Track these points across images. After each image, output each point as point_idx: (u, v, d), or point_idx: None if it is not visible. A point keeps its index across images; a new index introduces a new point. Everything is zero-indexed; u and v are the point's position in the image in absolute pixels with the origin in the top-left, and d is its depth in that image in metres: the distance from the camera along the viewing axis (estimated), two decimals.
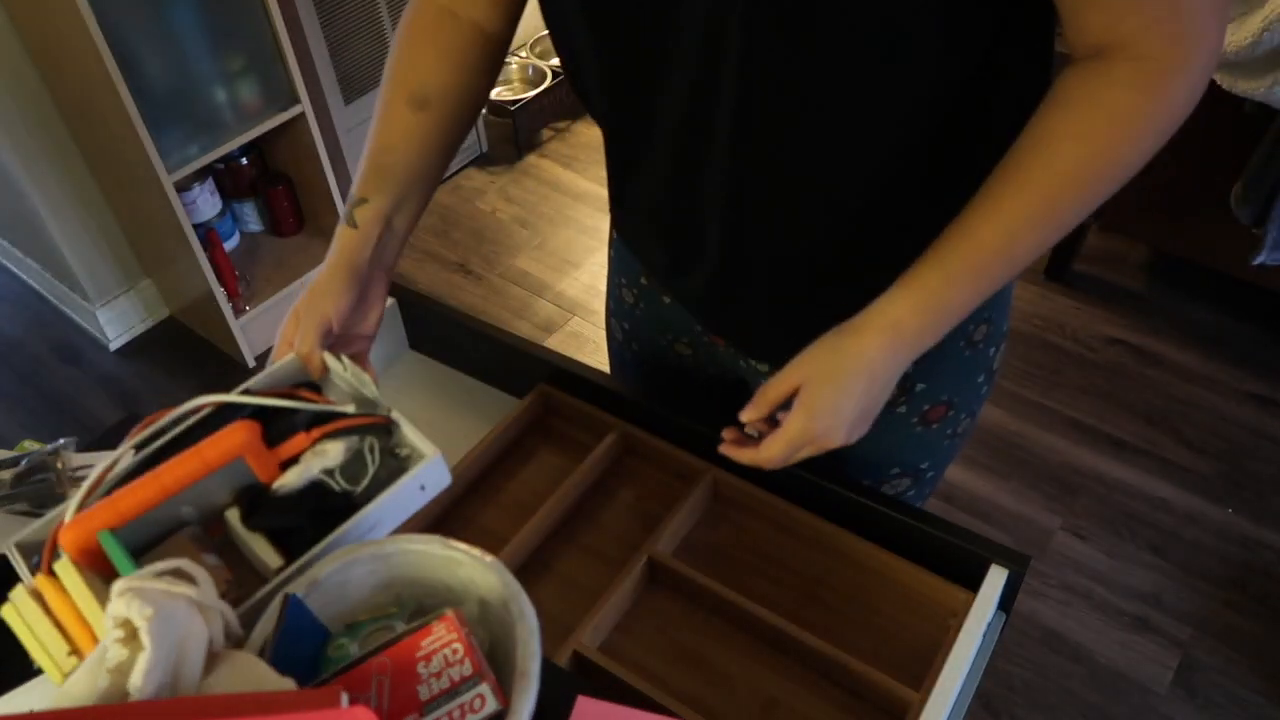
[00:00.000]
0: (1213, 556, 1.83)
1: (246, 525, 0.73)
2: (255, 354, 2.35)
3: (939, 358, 0.83)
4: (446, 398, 1.13)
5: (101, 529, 0.67)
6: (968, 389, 0.90)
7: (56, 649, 0.64)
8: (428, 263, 2.60)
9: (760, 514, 0.95)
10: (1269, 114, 1.79)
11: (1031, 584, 1.80)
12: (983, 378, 0.90)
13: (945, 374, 0.87)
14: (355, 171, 0.87)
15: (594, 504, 0.99)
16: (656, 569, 0.90)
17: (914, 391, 0.87)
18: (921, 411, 0.89)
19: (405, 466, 0.74)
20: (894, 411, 0.88)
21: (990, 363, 0.90)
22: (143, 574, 0.60)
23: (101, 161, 2.14)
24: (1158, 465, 1.99)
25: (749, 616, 0.85)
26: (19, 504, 0.86)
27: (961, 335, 0.84)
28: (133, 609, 0.56)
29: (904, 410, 0.88)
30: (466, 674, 0.60)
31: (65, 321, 2.51)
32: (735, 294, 0.85)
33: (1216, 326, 2.25)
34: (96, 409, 2.29)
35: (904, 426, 0.89)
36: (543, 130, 3.00)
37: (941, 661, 0.80)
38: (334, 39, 2.33)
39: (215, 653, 0.60)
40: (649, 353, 1.06)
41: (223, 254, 2.23)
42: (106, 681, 0.56)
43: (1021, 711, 1.64)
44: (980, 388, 0.91)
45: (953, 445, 0.95)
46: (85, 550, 0.67)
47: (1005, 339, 0.91)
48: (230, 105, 2.05)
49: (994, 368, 0.91)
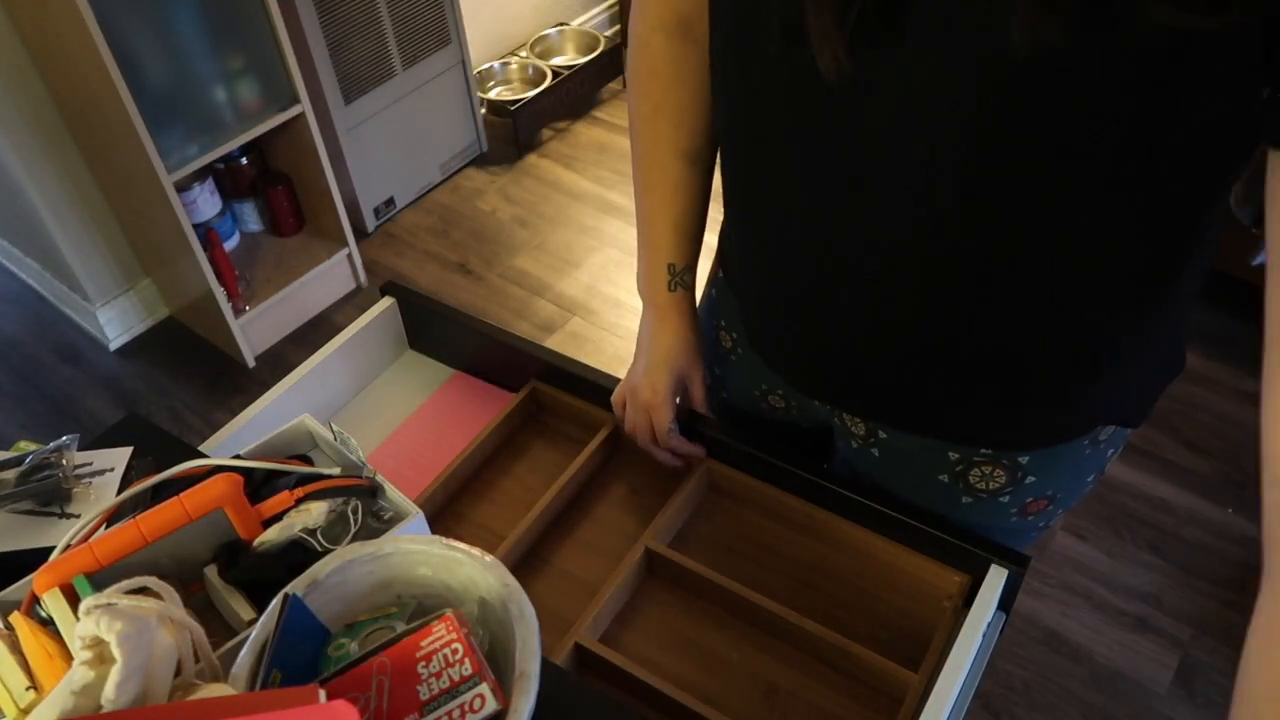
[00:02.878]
0: (1213, 556, 1.83)
1: (224, 578, 0.73)
2: (255, 354, 2.35)
3: (1057, 454, 0.79)
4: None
5: (78, 574, 0.67)
6: (1076, 486, 0.84)
7: (15, 683, 0.63)
8: (428, 263, 2.60)
9: (754, 503, 0.96)
10: None
11: (1031, 584, 1.80)
12: (1093, 477, 0.84)
13: (1061, 470, 0.81)
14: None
15: (589, 498, 0.99)
16: (654, 560, 0.91)
17: (1023, 484, 0.81)
18: (1024, 504, 0.83)
19: (387, 529, 0.75)
20: (996, 500, 0.82)
21: (1104, 462, 0.83)
22: (109, 592, 0.60)
23: (101, 161, 2.14)
24: (1158, 465, 1.99)
25: (747, 604, 0.86)
26: (23, 503, 0.86)
27: (1087, 435, 0.77)
28: (102, 625, 0.56)
29: (1007, 500, 0.82)
30: (466, 674, 0.60)
31: (65, 321, 2.51)
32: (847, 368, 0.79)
33: (1216, 326, 2.25)
34: (96, 409, 2.29)
35: (1001, 515, 0.84)
36: (543, 130, 3.00)
37: (939, 644, 0.81)
38: (334, 39, 2.33)
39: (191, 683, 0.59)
40: (740, 402, 0.99)
41: (223, 254, 2.23)
42: (71, 704, 0.56)
43: (1021, 711, 1.64)
44: (1087, 485, 0.85)
45: (1040, 534, 0.91)
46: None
47: (1126, 441, 0.84)
48: (230, 105, 2.05)
49: (1106, 468, 0.85)
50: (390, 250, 2.65)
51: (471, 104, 2.81)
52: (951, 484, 0.83)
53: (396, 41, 2.48)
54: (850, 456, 0.90)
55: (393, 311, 1.16)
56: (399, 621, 0.67)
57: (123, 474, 0.90)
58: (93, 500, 0.87)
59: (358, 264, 2.49)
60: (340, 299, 2.50)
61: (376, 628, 0.67)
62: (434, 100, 2.68)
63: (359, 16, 2.36)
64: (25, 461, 0.88)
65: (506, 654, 0.63)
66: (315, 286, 2.43)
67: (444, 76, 2.67)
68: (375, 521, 0.77)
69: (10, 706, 0.63)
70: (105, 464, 0.91)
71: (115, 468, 0.90)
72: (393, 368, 1.18)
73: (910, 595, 0.88)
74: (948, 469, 0.82)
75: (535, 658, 0.60)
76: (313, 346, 1.98)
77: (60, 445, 0.89)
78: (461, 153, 2.87)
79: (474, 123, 2.86)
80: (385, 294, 1.16)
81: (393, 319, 1.17)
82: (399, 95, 2.57)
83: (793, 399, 0.92)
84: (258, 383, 2.30)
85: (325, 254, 2.42)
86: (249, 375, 2.33)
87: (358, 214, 2.63)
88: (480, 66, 3.00)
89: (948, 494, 0.84)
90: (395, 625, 0.67)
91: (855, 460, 0.89)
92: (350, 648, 0.65)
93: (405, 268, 2.59)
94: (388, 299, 1.15)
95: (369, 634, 0.67)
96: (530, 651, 0.61)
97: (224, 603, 0.73)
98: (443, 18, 2.57)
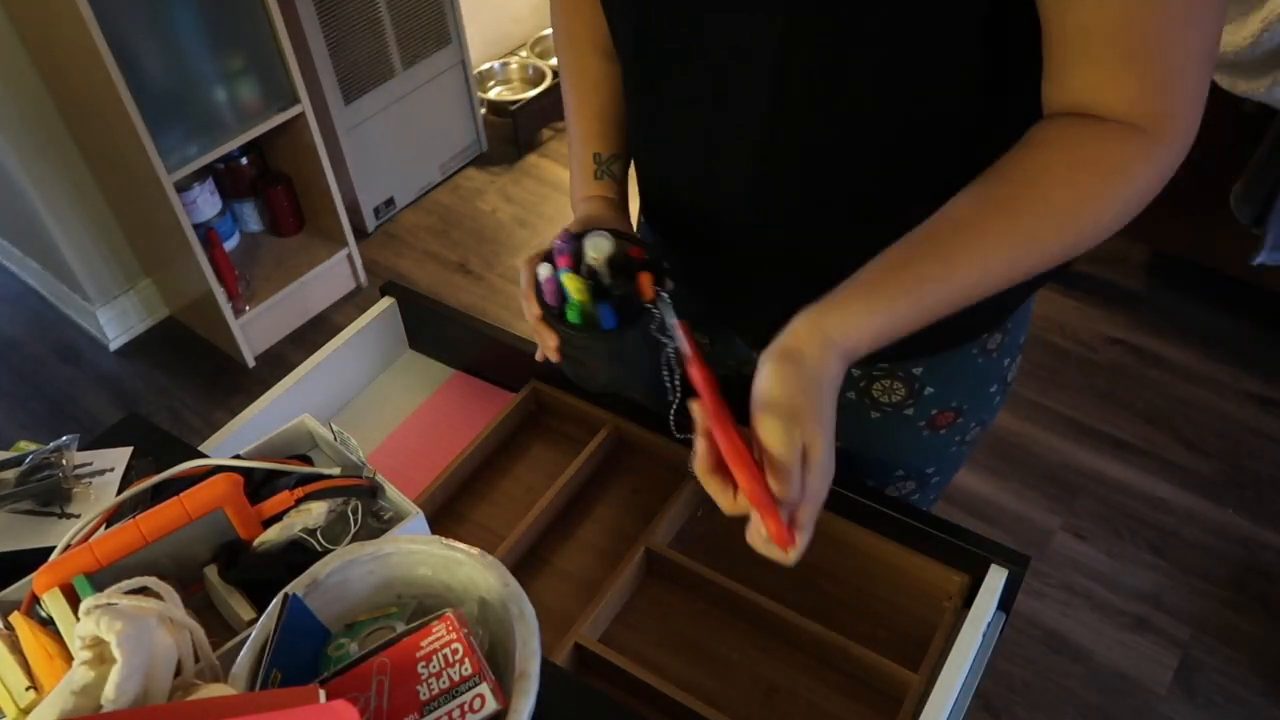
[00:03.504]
0: (1213, 556, 1.83)
1: (224, 578, 0.73)
2: (255, 353, 2.35)
3: (950, 364, 0.83)
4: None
5: (78, 574, 0.67)
6: (979, 397, 0.89)
7: (15, 683, 0.63)
8: (428, 263, 2.60)
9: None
10: (1269, 114, 1.79)
11: (1031, 584, 1.80)
12: (995, 387, 0.89)
13: (956, 380, 0.86)
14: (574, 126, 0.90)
15: (590, 498, 0.99)
16: (654, 560, 0.91)
17: (922, 395, 0.86)
18: (929, 416, 0.88)
19: (387, 529, 0.75)
20: (901, 414, 0.87)
21: (1005, 373, 0.89)
22: (109, 592, 0.60)
23: (101, 161, 2.14)
24: (1158, 465, 1.99)
25: (747, 604, 0.86)
26: (23, 503, 0.86)
27: (975, 343, 0.83)
28: (102, 625, 0.56)
29: (911, 413, 0.87)
30: (466, 674, 0.60)
31: (65, 321, 2.51)
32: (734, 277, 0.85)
33: (1216, 326, 2.25)
34: (96, 409, 2.29)
35: (911, 430, 0.89)
36: (543, 130, 3.00)
37: (939, 644, 0.81)
38: (334, 39, 2.33)
39: (191, 683, 0.59)
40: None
41: (223, 254, 2.23)
42: (71, 704, 0.56)
43: (1021, 711, 1.64)
44: (993, 398, 0.90)
45: (960, 453, 0.95)
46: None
47: (1021, 351, 0.90)
48: (230, 105, 2.05)
49: (1009, 379, 0.90)
50: (390, 250, 2.65)
51: (471, 104, 2.81)
52: (859, 400, 0.88)
53: (396, 41, 2.48)
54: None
55: (393, 311, 1.16)
56: (399, 621, 0.67)
57: (123, 474, 0.90)
58: (93, 500, 0.87)
59: (358, 264, 2.49)
60: (340, 299, 2.50)
61: (376, 628, 0.67)
62: (434, 100, 2.68)
63: (359, 16, 2.36)
64: (25, 461, 0.88)
65: (506, 654, 0.63)
66: (315, 286, 2.43)
67: (444, 76, 2.67)
68: (375, 521, 0.77)
69: (10, 706, 0.63)
70: (105, 464, 0.91)
71: (115, 468, 0.90)
72: (393, 368, 1.18)
73: (910, 595, 0.88)
74: (852, 385, 0.87)
75: (535, 658, 0.60)
76: (313, 346, 1.98)
77: (60, 445, 0.89)
78: (461, 153, 2.87)
79: (474, 123, 2.86)
80: (385, 294, 1.16)
81: (393, 319, 1.17)
82: (399, 95, 2.57)
83: (715, 335, 0.96)
84: (258, 383, 2.30)
85: (325, 254, 2.42)
86: (249, 375, 2.33)
87: (358, 214, 2.63)
88: (480, 66, 3.00)
89: (858, 412, 0.88)
90: (395, 625, 0.67)
91: None
92: (350, 648, 0.65)
93: (405, 268, 2.59)
94: (388, 299, 1.15)
95: (369, 634, 0.67)
96: (530, 651, 0.61)
97: (224, 603, 0.73)
98: (443, 18, 2.57)
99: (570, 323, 0.74)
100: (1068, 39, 0.59)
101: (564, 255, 0.74)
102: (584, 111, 0.87)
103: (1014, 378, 0.91)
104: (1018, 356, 0.89)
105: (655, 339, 0.74)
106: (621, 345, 0.75)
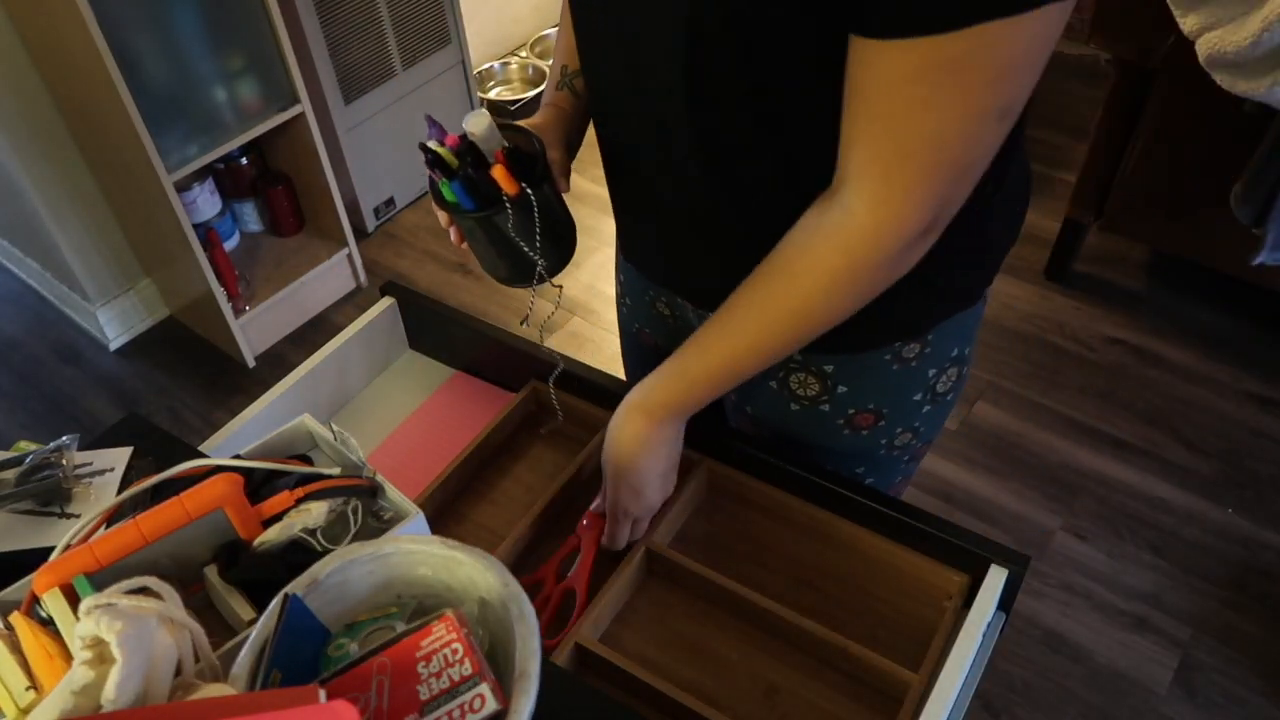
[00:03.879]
0: (1213, 556, 1.83)
1: (224, 578, 0.73)
2: (255, 353, 2.35)
3: (861, 365, 0.86)
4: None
5: (78, 574, 0.67)
6: (902, 404, 0.90)
7: (15, 683, 0.63)
8: (428, 262, 2.60)
9: (755, 503, 0.96)
10: (1269, 114, 1.79)
11: (1031, 584, 1.80)
12: (920, 395, 0.90)
13: (868, 382, 0.88)
14: (552, 58, 0.95)
15: (589, 498, 0.99)
16: (654, 560, 0.91)
17: (835, 392, 0.89)
18: (848, 415, 0.90)
19: (387, 529, 0.75)
20: (818, 408, 0.90)
21: (929, 382, 0.89)
22: (109, 592, 0.60)
23: (101, 161, 2.14)
24: (1158, 465, 1.99)
25: (747, 604, 0.86)
26: (23, 503, 0.86)
27: (887, 350, 0.85)
28: (102, 625, 0.56)
29: (827, 409, 0.90)
30: (466, 674, 0.60)
31: (65, 321, 2.51)
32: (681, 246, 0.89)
33: (1216, 326, 2.25)
34: (96, 409, 2.29)
35: (829, 426, 0.91)
36: None
37: (938, 644, 0.81)
38: (334, 39, 2.33)
39: (191, 683, 0.59)
40: (638, 311, 1.06)
41: (223, 254, 2.23)
42: (71, 704, 0.55)
43: (1021, 711, 1.64)
44: (920, 406, 0.91)
45: (895, 461, 0.95)
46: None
47: (958, 365, 0.90)
48: (230, 105, 2.05)
49: (938, 389, 0.90)
50: (390, 250, 2.65)
51: (471, 104, 2.81)
52: (779, 390, 0.92)
53: (396, 41, 2.48)
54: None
55: (393, 311, 1.16)
56: (399, 621, 0.67)
57: (123, 474, 0.90)
58: (93, 500, 0.87)
59: (358, 264, 2.49)
60: (340, 299, 2.51)
61: (376, 628, 0.67)
62: (434, 100, 2.68)
63: (359, 16, 2.36)
64: (25, 461, 0.88)
65: (506, 654, 0.63)
66: (315, 286, 2.43)
67: (444, 76, 2.67)
68: (375, 521, 0.77)
69: (10, 706, 0.63)
70: (105, 464, 0.91)
71: (115, 468, 0.90)
72: (393, 368, 1.18)
73: (910, 595, 0.88)
74: (773, 374, 0.91)
75: (535, 658, 0.60)
76: (313, 346, 1.99)
77: (60, 445, 0.89)
78: None
79: None
80: (385, 294, 1.16)
81: (393, 319, 1.17)
82: (399, 95, 2.57)
83: (673, 306, 0.99)
84: (258, 383, 2.30)
85: (325, 254, 2.42)
86: (249, 375, 2.33)
87: (358, 214, 2.63)
88: (480, 66, 3.00)
89: (778, 401, 0.92)
90: (395, 625, 0.67)
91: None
92: (350, 648, 0.65)
93: (405, 268, 2.59)
94: (388, 299, 1.16)
95: (369, 634, 0.67)
96: (530, 651, 0.61)
97: (224, 603, 0.73)
98: (443, 18, 2.57)
99: (446, 200, 0.81)
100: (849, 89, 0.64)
101: (453, 137, 0.79)
102: (564, 27, 0.90)
103: (949, 390, 0.92)
104: (951, 369, 0.90)
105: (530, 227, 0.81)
106: (495, 229, 0.81)
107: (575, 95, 0.91)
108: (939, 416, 0.94)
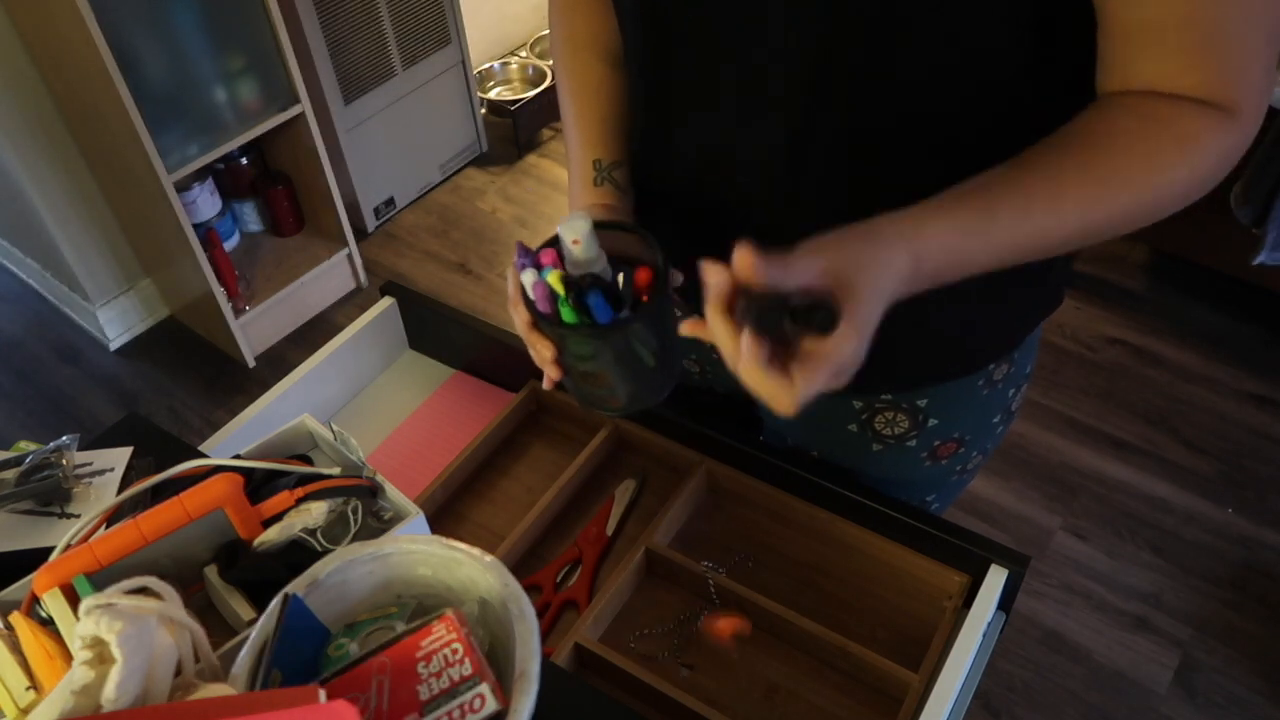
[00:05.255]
0: (1213, 556, 1.83)
1: (224, 578, 0.73)
2: (255, 353, 2.35)
3: (955, 395, 0.82)
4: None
5: (78, 574, 0.67)
6: (982, 428, 0.87)
7: (15, 683, 0.63)
8: (428, 263, 2.60)
9: (755, 503, 0.96)
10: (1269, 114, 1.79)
11: (1031, 584, 1.80)
12: (999, 418, 0.88)
13: (960, 411, 0.84)
14: (573, 131, 0.83)
15: (589, 498, 0.99)
16: (654, 560, 0.91)
17: (926, 427, 0.84)
18: (932, 447, 0.86)
19: (387, 529, 0.75)
20: (904, 446, 0.86)
21: (1009, 403, 0.87)
22: (109, 592, 0.60)
23: (101, 161, 2.14)
24: (1158, 465, 1.99)
25: (747, 604, 0.86)
26: (23, 503, 0.86)
27: (982, 374, 0.82)
28: (102, 625, 0.56)
29: (914, 445, 0.86)
30: (466, 674, 0.60)
31: (65, 321, 2.51)
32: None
33: (1216, 326, 2.25)
34: (96, 409, 2.29)
35: (912, 461, 0.87)
36: (543, 130, 3.00)
37: (938, 644, 0.81)
38: (334, 39, 2.33)
39: (191, 683, 0.59)
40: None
41: (223, 254, 2.23)
42: (71, 704, 0.55)
43: (1021, 711, 1.64)
44: (995, 428, 0.89)
45: (961, 481, 0.94)
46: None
47: (1027, 381, 0.88)
48: (230, 105, 2.05)
49: (1012, 409, 0.89)
50: (390, 250, 2.65)
51: (471, 104, 2.81)
52: (860, 433, 0.86)
53: (396, 41, 2.48)
54: (768, 418, 0.92)
55: (393, 311, 1.16)
56: (399, 621, 0.67)
57: (123, 474, 0.90)
58: (93, 500, 0.87)
59: (358, 264, 2.49)
60: (340, 299, 2.50)
61: (376, 628, 0.67)
62: (434, 100, 2.68)
63: (359, 16, 2.36)
64: (25, 461, 0.87)
65: (506, 654, 0.63)
66: (315, 286, 2.43)
67: (444, 76, 2.67)
68: (375, 521, 0.77)
69: (10, 706, 0.63)
70: (105, 464, 0.91)
71: (115, 468, 0.90)
72: (393, 368, 1.18)
73: (910, 595, 0.88)
74: (854, 418, 0.85)
75: (535, 658, 0.60)
76: (313, 346, 1.99)
77: (60, 445, 0.89)
78: (461, 152, 2.87)
79: (474, 123, 2.86)
80: (385, 294, 1.16)
81: (393, 319, 1.17)
82: (399, 95, 2.57)
83: (705, 362, 0.95)
84: (258, 383, 2.30)
85: (325, 254, 2.42)
86: (249, 375, 2.33)
87: (358, 214, 2.63)
88: (480, 66, 3.00)
89: (859, 444, 0.87)
90: (395, 625, 0.67)
91: (771, 420, 0.91)
92: (350, 648, 0.65)
93: (405, 268, 2.59)
94: (388, 299, 1.15)
95: (369, 634, 0.67)
96: (530, 651, 0.61)
97: (224, 603, 0.73)
98: (443, 18, 2.57)
99: (565, 323, 0.65)
100: (1129, 34, 0.59)
101: (546, 252, 0.66)
102: (584, 116, 0.82)
103: (1018, 406, 0.90)
104: (1023, 387, 0.88)
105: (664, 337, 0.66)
106: (628, 344, 0.66)
107: (619, 190, 0.79)
108: (1004, 434, 0.91)
